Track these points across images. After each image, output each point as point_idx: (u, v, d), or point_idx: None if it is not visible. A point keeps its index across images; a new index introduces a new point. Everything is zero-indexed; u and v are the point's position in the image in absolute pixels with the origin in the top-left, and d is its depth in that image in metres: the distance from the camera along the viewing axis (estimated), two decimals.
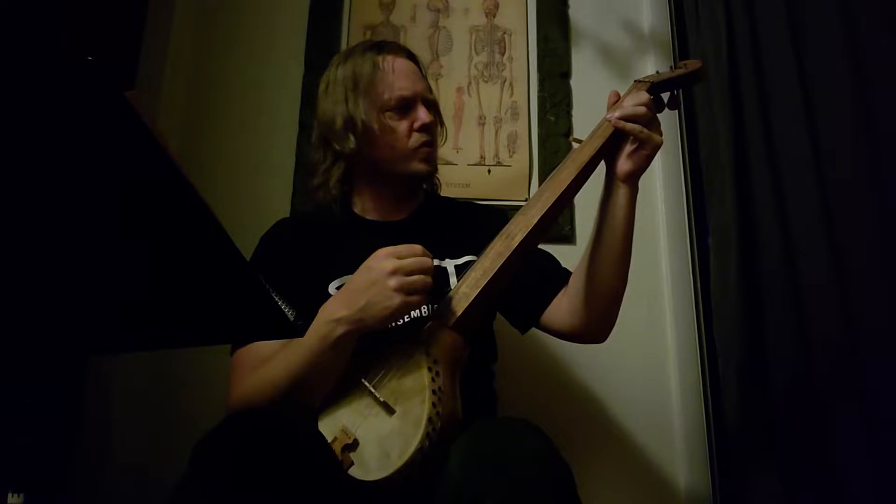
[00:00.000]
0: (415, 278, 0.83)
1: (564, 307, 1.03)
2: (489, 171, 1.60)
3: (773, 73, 1.47)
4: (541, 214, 0.92)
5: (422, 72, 1.13)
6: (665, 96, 1.07)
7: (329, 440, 0.82)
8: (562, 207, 0.95)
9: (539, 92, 1.65)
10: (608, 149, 0.94)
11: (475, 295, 0.88)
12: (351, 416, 0.84)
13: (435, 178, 1.18)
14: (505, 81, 1.67)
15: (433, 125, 1.08)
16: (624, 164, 0.92)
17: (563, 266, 1.11)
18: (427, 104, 1.08)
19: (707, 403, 1.47)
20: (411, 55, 1.12)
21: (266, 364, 0.91)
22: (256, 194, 1.54)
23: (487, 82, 1.67)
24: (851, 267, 1.30)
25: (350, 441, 0.81)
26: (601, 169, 0.98)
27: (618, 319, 1.01)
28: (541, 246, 1.07)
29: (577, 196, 0.98)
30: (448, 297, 0.91)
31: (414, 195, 1.14)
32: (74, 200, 0.46)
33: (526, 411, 0.91)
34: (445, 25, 1.71)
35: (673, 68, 1.09)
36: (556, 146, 1.60)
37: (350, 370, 0.89)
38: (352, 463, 0.79)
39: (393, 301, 0.82)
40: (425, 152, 1.06)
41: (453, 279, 1.03)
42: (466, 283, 0.91)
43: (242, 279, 0.55)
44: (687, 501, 1.41)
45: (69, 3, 1.24)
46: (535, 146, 1.62)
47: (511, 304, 1.08)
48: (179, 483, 0.68)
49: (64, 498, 1.23)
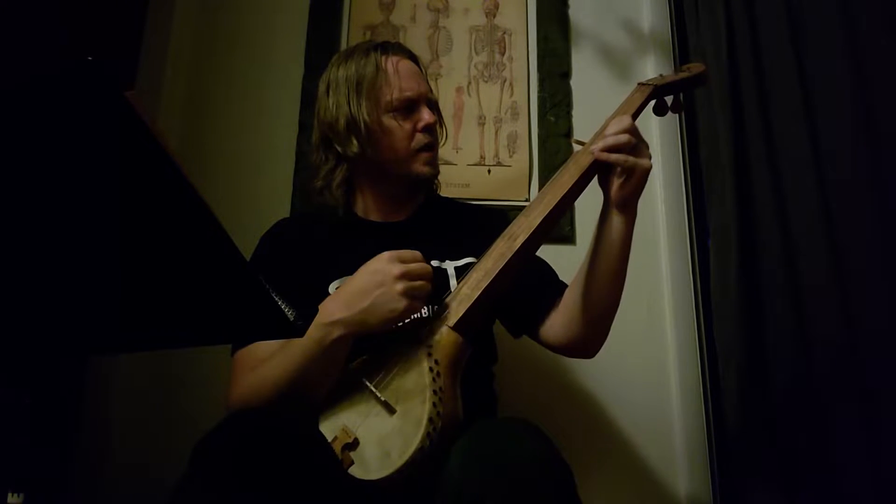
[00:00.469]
0: (419, 283, 0.85)
1: (557, 321, 1.02)
2: (489, 171, 1.60)
3: (773, 73, 1.47)
4: (543, 216, 0.92)
5: (423, 72, 1.13)
6: (668, 99, 1.08)
7: (329, 439, 0.82)
8: (564, 209, 0.95)
9: (539, 92, 1.65)
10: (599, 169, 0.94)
11: (477, 296, 0.88)
12: (351, 416, 0.84)
13: (436, 179, 1.18)
14: (505, 81, 1.67)
15: (436, 126, 1.09)
16: (616, 192, 0.91)
17: (564, 265, 1.11)
18: (430, 105, 1.08)
19: (707, 404, 1.47)
20: (413, 56, 1.12)
21: (264, 364, 0.91)
22: (256, 194, 1.54)
23: (487, 82, 1.67)
24: (851, 267, 1.30)
25: (350, 440, 0.81)
26: None
27: (618, 320, 1.01)
28: (541, 246, 1.08)
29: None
30: (450, 298, 0.91)
31: (415, 196, 1.14)
32: (74, 200, 0.46)
33: (526, 412, 0.91)
34: (445, 25, 1.71)
35: (676, 71, 1.09)
36: (556, 146, 1.60)
37: (351, 370, 0.89)
38: (352, 462, 0.79)
39: (399, 304, 0.83)
40: (428, 156, 1.06)
41: (453, 281, 1.02)
42: (468, 284, 0.91)
43: (242, 279, 0.55)
44: (687, 501, 1.41)
45: (69, 3, 1.24)
46: (535, 146, 1.62)
47: (507, 311, 1.08)
48: (179, 483, 0.68)
49: (64, 498, 1.23)
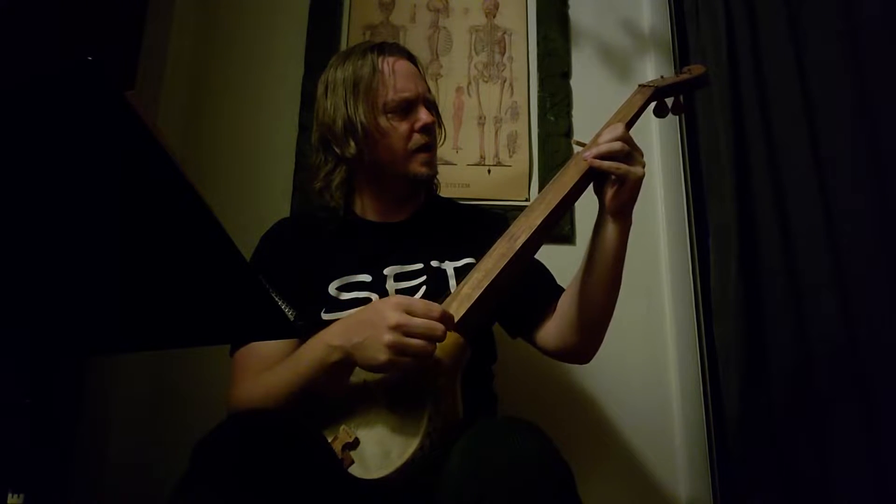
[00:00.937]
0: (414, 342, 0.77)
1: (552, 327, 1.03)
2: (489, 171, 1.60)
3: (773, 74, 1.47)
4: (544, 216, 0.91)
5: (421, 72, 1.13)
6: (669, 101, 1.08)
7: (330, 439, 0.82)
8: (564, 210, 0.95)
9: (539, 92, 1.65)
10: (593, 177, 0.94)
11: (478, 296, 0.88)
12: (352, 415, 0.84)
13: (435, 179, 1.18)
14: (505, 81, 1.66)
15: (434, 126, 1.08)
16: (610, 200, 0.91)
17: (564, 265, 1.11)
18: (428, 105, 1.08)
19: (707, 404, 1.46)
20: (411, 56, 1.12)
21: (267, 373, 0.91)
22: (256, 194, 1.54)
23: (487, 82, 1.67)
24: (851, 266, 1.30)
25: (351, 440, 0.81)
26: None
27: (618, 319, 1.01)
28: (542, 247, 1.08)
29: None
30: (450, 298, 0.91)
31: (414, 196, 1.14)
32: (74, 200, 0.46)
33: (526, 412, 0.91)
34: (445, 25, 1.71)
35: (677, 73, 1.09)
36: (556, 146, 1.60)
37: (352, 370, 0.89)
38: (352, 461, 0.79)
39: (379, 356, 0.77)
40: (426, 156, 1.06)
41: (452, 281, 1.03)
42: (469, 284, 0.90)
43: (242, 279, 0.55)
44: (687, 501, 1.41)
45: (69, 3, 1.24)
46: (535, 146, 1.62)
47: (504, 312, 1.08)
48: (179, 483, 0.68)
49: (64, 498, 1.23)
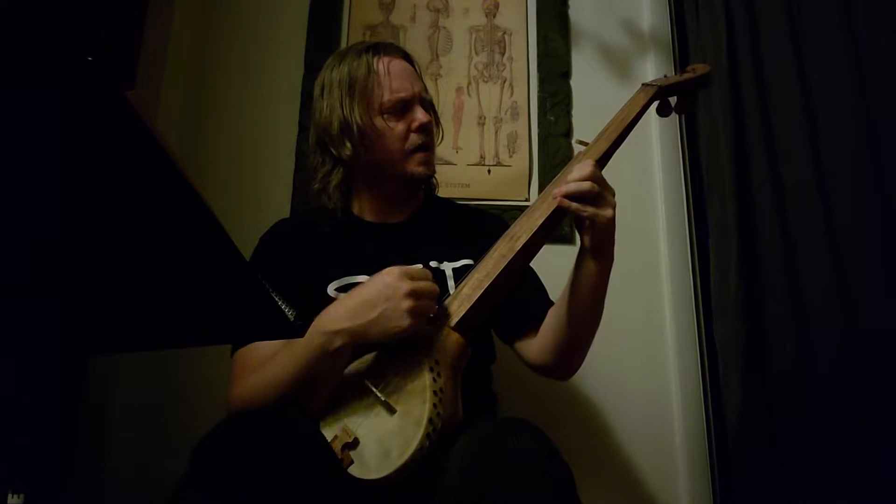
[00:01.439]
0: (426, 303, 0.84)
1: (534, 343, 1.04)
2: (489, 171, 1.60)
3: (773, 73, 1.47)
4: (545, 217, 0.91)
5: (418, 71, 1.12)
6: (672, 100, 1.08)
7: (329, 439, 0.82)
8: (565, 211, 0.95)
9: (539, 92, 1.65)
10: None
11: (478, 296, 0.88)
12: (352, 415, 0.84)
13: (433, 179, 1.18)
14: (505, 81, 1.66)
15: (431, 125, 1.08)
16: (586, 239, 0.90)
17: (564, 265, 1.10)
18: (424, 104, 1.08)
19: (707, 404, 1.46)
20: (407, 55, 1.12)
21: (265, 366, 0.91)
22: (256, 194, 1.54)
23: (487, 82, 1.67)
24: (851, 266, 1.30)
25: (350, 440, 0.81)
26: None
27: (617, 319, 1.02)
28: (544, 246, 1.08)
29: None
30: (450, 299, 0.91)
31: (412, 197, 1.14)
32: (74, 200, 0.46)
33: (525, 412, 0.91)
34: (445, 25, 1.71)
35: (681, 72, 1.09)
36: (556, 146, 1.60)
37: (352, 370, 0.89)
38: (352, 461, 0.79)
39: (404, 321, 0.82)
40: (423, 156, 1.06)
41: (451, 282, 1.03)
42: (469, 285, 0.90)
43: (242, 279, 0.55)
44: (687, 501, 1.41)
45: (69, 3, 1.24)
46: (535, 146, 1.62)
47: (495, 318, 1.08)
48: (180, 483, 0.68)
49: (64, 498, 1.23)
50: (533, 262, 0.98)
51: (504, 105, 1.65)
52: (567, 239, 1.54)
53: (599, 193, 0.87)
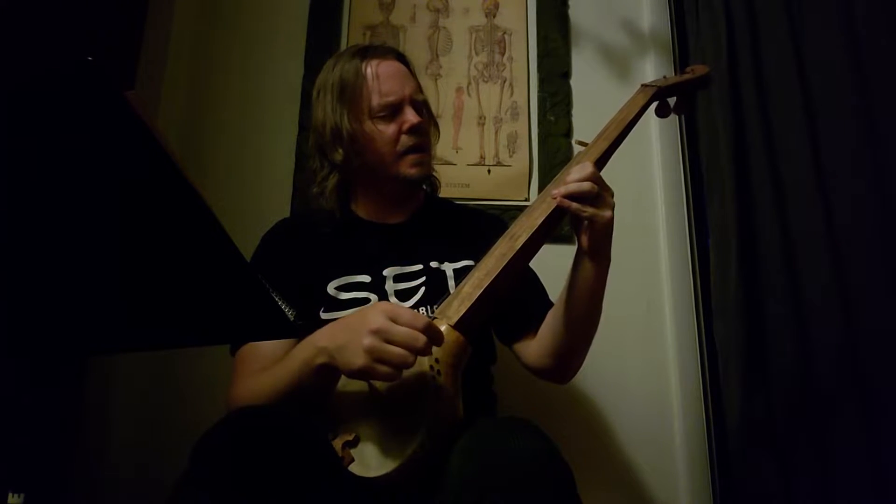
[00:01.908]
0: (392, 350, 0.75)
1: (533, 345, 1.04)
2: (489, 171, 1.60)
3: (773, 74, 1.47)
4: (544, 217, 0.91)
5: (412, 71, 1.11)
6: (671, 101, 1.08)
7: (330, 436, 0.82)
8: (565, 211, 0.95)
9: (539, 92, 1.65)
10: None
11: (478, 295, 0.88)
12: (352, 413, 0.84)
13: (434, 179, 1.18)
14: (505, 81, 1.66)
15: (423, 126, 1.06)
16: (584, 240, 0.90)
17: (564, 265, 1.10)
18: (416, 105, 1.06)
19: (707, 404, 1.46)
20: (400, 56, 1.11)
21: (264, 372, 0.91)
22: (256, 194, 1.54)
23: (487, 82, 1.66)
24: (851, 266, 1.30)
25: (351, 438, 0.81)
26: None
27: (618, 319, 1.02)
28: (545, 246, 1.08)
29: None
30: (451, 297, 0.91)
31: (412, 197, 1.14)
32: (74, 200, 0.46)
33: (525, 411, 0.91)
34: (445, 25, 1.71)
35: (680, 73, 1.09)
36: (556, 146, 1.60)
37: None
38: (352, 459, 0.79)
39: (356, 360, 0.76)
40: (415, 158, 1.05)
41: (451, 283, 1.03)
42: (470, 283, 0.90)
43: (242, 279, 0.55)
44: (687, 501, 1.41)
45: (69, 3, 1.24)
46: (535, 146, 1.62)
47: (495, 319, 1.08)
48: (179, 482, 0.68)
49: (64, 498, 1.23)
50: (533, 263, 0.98)
51: (504, 105, 1.65)
52: (567, 239, 1.53)
53: (599, 194, 0.87)
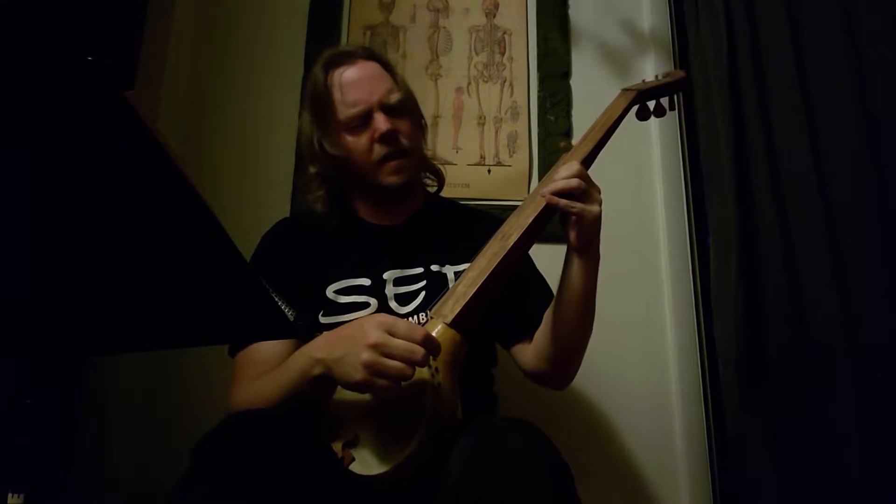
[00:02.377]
0: (390, 363, 0.75)
1: (529, 350, 1.04)
2: (489, 171, 1.60)
3: (773, 73, 1.47)
4: (534, 216, 0.93)
5: (386, 67, 1.07)
6: (651, 104, 1.13)
7: (329, 437, 0.82)
8: (554, 209, 0.95)
9: (539, 92, 1.65)
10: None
11: (472, 293, 0.88)
12: (352, 413, 0.84)
13: (433, 179, 1.17)
14: (505, 81, 1.66)
15: (395, 132, 1.02)
16: (572, 237, 0.91)
17: (562, 265, 1.10)
18: (388, 109, 1.02)
19: (707, 404, 1.46)
20: (369, 54, 1.07)
21: (260, 379, 0.91)
22: (256, 194, 1.54)
23: (487, 82, 1.66)
24: (851, 266, 1.30)
25: (351, 438, 0.81)
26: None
27: (617, 319, 1.02)
28: (539, 246, 1.08)
29: None
30: (446, 296, 0.91)
31: (410, 198, 1.12)
32: (74, 200, 0.46)
33: (525, 412, 0.91)
34: (445, 25, 1.71)
35: (658, 77, 1.15)
36: (556, 146, 1.60)
37: None
38: (353, 459, 0.80)
39: (355, 374, 0.76)
40: (394, 165, 1.02)
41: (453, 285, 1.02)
42: (464, 283, 0.91)
43: (242, 279, 0.55)
44: (687, 501, 1.41)
45: (69, 3, 1.24)
46: (535, 146, 1.62)
47: (494, 324, 1.06)
48: (180, 483, 0.68)
49: (64, 498, 1.23)
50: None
51: (504, 105, 1.65)
52: (564, 238, 1.54)
53: (586, 190, 0.89)
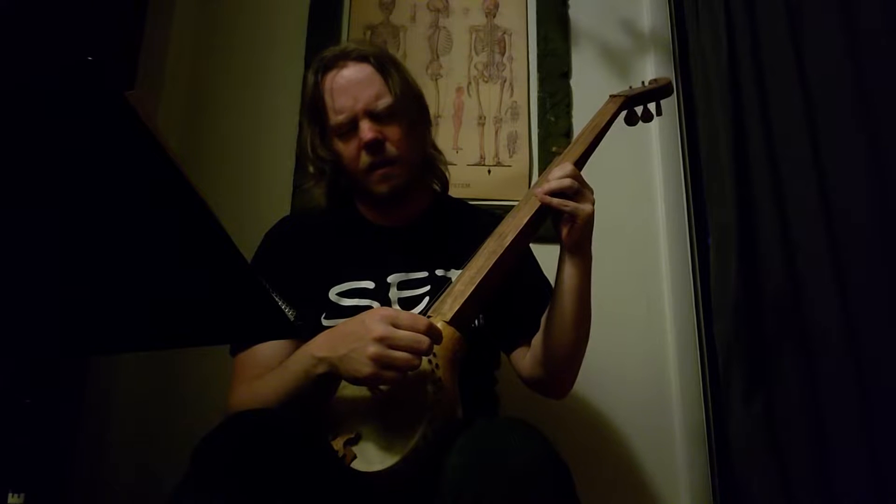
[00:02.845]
0: (398, 355, 0.76)
1: (527, 356, 1.04)
2: (489, 172, 1.60)
3: (773, 73, 1.47)
4: (529, 215, 0.94)
5: (382, 70, 1.02)
6: (639, 110, 1.15)
7: (331, 435, 0.82)
8: (547, 210, 0.95)
9: (539, 92, 1.65)
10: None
11: (470, 292, 0.89)
12: (352, 411, 0.84)
13: (438, 179, 1.15)
14: (505, 81, 1.66)
15: (380, 141, 0.99)
16: (565, 237, 0.92)
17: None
18: (375, 116, 0.99)
19: (707, 404, 1.47)
20: (364, 56, 1.02)
21: (258, 381, 0.91)
22: (256, 194, 1.54)
23: (487, 82, 1.67)
24: (851, 266, 1.30)
25: (352, 435, 0.81)
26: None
27: (618, 319, 1.02)
28: (536, 246, 1.08)
29: None
30: (445, 295, 0.92)
31: (413, 200, 1.10)
32: (74, 200, 0.46)
33: (525, 411, 0.92)
34: (445, 25, 1.71)
35: (644, 84, 1.18)
36: (556, 146, 1.60)
37: None
38: (354, 456, 0.80)
39: (363, 369, 0.77)
40: (381, 174, 1.00)
41: None
42: (462, 281, 0.92)
43: (242, 279, 0.55)
44: (687, 501, 1.41)
45: (69, 4, 1.24)
46: (535, 146, 1.62)
47: (494, 329, 1.06)
48: (180, 483, 0.68)
49: (64, 498, 1.23)
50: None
51: (504, 105, 1.65)
52: None
53: (579, 190, 0.91)
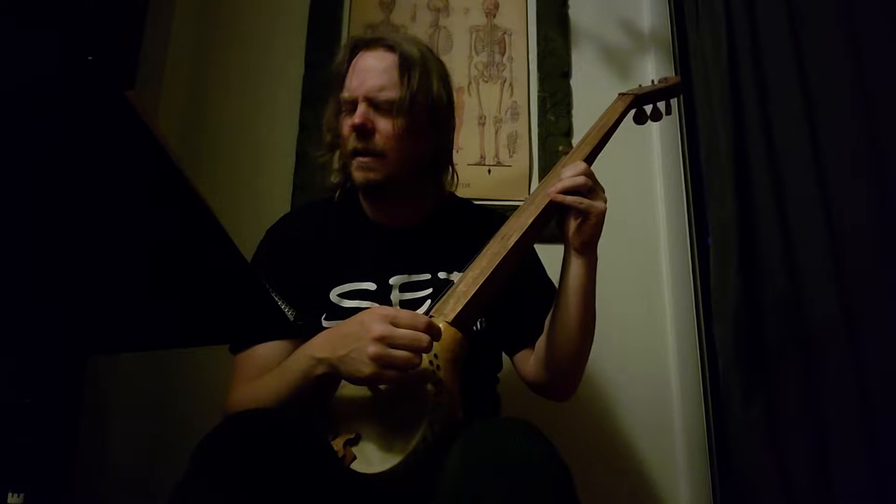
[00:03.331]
0: (398, 354, 0.76)
1: (531, 359, 1.04)
2: (489, 172, 1.60)
3: (773, 73, 1.47)
4: (533, 217, 0.93)
5: (402, 66, 0.99)
6: (648, 108, 1.15)
7: (331, 436, 0.82)
8: (554, 210, 0.95)
9: (539, 92, 1.65)
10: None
11: (473, 292, 0.89)
12: (352, 412, 0.84)
13: (446, 178, 1.10)
14: (505, 81, 1.66)
15: (367, 128, 0.96)
16: (574, 236, 0.92)
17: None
18: (374, 104, 0.97)
19: (707, 404, 1.46)
20: (390, 48, 1.00)
21: (259, 381, 0.91)
22: (256, 193, 1.54)
23: (487, 82, 1.66)
24: (851, 266, 1.30)
25: (352, 436, 0.81)
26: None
27: (618, 319, 1.01)
28: (540, 247, 1.07)
29: None
30: (447, 296, 0.91)
31: (417, 198, 1.07)
32: (74, 200, 0.46)
33: (526, 411, 0.91)
34: (445, 25, 1.70)
35: (654, 82, 1.18)
36: (556, 146, 1.60)
37: None
38: (354, 457, 0.80)
39: (364, 369, 0.77)
40: (359, 161, 0.97)
41: None
42: (464, 282, 0.92)
43: (242, 279, 0.55)
44: (687, 501, 1.41)
45: (70, 3, 1.24)
46: (535, 146, 1.62)
47: (496, 330, 1.05)
48: (180, 484, 0.68)
49: (64, 498, 1.23)
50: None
51: (504, 105, 1.65)
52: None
53: (593, 188, 0.92)
